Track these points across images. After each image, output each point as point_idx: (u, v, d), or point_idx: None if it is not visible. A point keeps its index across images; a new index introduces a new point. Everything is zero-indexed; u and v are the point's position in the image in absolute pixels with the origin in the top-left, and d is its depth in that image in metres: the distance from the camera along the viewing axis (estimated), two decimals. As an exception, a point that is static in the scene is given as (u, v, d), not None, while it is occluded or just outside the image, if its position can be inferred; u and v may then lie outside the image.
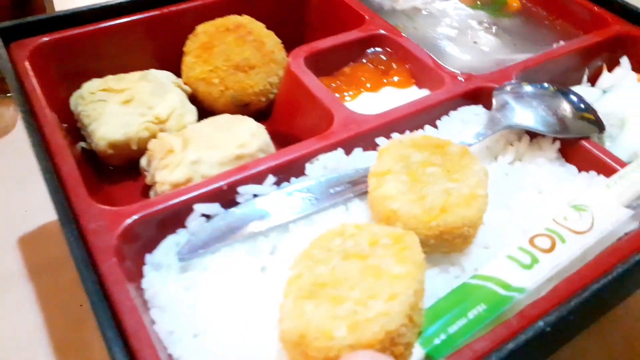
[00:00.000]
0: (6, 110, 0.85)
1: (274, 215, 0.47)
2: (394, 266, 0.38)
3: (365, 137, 0.54)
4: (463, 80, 0.61)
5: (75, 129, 0.63)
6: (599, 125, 0.59)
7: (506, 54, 0.74)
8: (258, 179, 0.49)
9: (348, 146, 0.53)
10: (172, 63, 0.69)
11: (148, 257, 0.45)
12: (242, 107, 0.66)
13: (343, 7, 0.72)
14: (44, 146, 0.49)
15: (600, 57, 0.72)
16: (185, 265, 0.45)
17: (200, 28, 0.68)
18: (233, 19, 0.68)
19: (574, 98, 0.59)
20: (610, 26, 0.73)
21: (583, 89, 0.68)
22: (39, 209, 0.68)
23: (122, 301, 0.38)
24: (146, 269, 0.44)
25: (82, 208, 0.44)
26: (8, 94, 0.84)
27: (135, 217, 0.44)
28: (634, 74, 0.70)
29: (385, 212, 0.45)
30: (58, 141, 0.50)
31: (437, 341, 0.38)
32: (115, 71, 0.66)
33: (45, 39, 0.61)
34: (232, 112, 0.65)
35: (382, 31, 0.67)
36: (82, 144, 0.61)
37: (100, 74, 0.65)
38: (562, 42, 0.74)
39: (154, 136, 0.59)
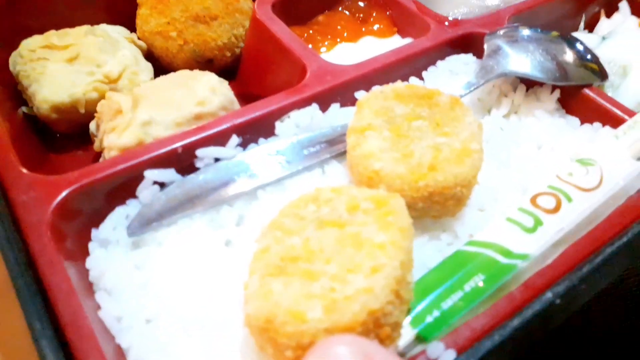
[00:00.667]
0: None
1: (239, 181, 0.41)
2: (376, 234, 0.32)
3: (342, 90, 0.48)
4: (450, 26, 0.54)
5: (17, 93, 0.55)
6: (602, 73, 0.53)
7: (504, 3, 0.67)
8: (220, 140, 0.42)
9: (323, 101, 0.47)
10: (126, 16, 0.61)
11: (94, 233, 0.39)
12: (205, 64, 0.59)
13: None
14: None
15: (598, 1, 0.67)
16: (137, 240, 0.39)
17: (155, -25, 0.60)
18: (191, -36, 0.61)
19: (575, 43, 0.53)
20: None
21: (580, 36, 0.62)
22: None
23: (56, 284, 0.32)
24: (91, 246, 0.38)
25: (10, 177, 0.38)
26: None
27: (74, 186, 0.37)
28: (634, 19, 0.64)
29: (366, 173, 0.39)
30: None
31: (429, 319, 0.33)
32: (60, 27, 0.58)
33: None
34: (194, 68, 0.58)
35: (359, -26, 0.60)
36: (23, 108, 0.54)
37: (44, 31, 0.57)
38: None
39: (104, 97, 0.52)
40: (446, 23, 0.55)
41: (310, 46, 0.55)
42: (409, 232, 0.33)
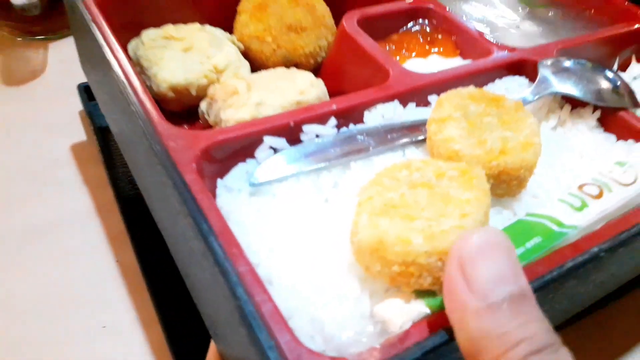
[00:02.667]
0: (35, 53, 0.87)
1: (336, 153, 0.50)
2: (462, 192, 0.41)
3: (418, 92, 0.57)
4: (508, 52, 0.64)
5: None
6: (635, 102, 0.62)
7: (547, 39, 0.77)
8: (321, 119, 0.51)
9: (403, 99, 0.56)
10: (224, 21, 0.72)
11: (219, 181, 0.47)
12: (291, 67, 0.69)
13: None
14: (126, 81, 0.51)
15: (631, 47, 0.76)
16: (255, 190, 0.47)
17: (256, -12, 0.71)
18: (287, -17, 0.71)
19: (610, 74, 0.63)
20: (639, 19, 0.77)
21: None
22: (69, 158, 0.71)
23: (208, 206, 0.40)
24: (218, 191, 0.47)
25: (162, 129, 0.46)
26: (37, 37, 0.87)
27: (213, 140, 0.46)
28: (660, 65, 0.74)
29: (447, 153, 0.47)
30: (134, 80, 0.52)
31: (498, 264, 0.41)
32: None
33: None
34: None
35: (429, 5, 0.70)
36: (155, 83, 0.63)
37: (157, 26, 0.68)
38: (598, 30, 0.78)
39: (211, 84, 0.61)
40: (504, 50, 0.64)
41: (387, 58, 0.65)
42: (488, 194, 0.41)
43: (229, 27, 0.71)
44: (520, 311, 0.31)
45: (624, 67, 0.77)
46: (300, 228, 0.45)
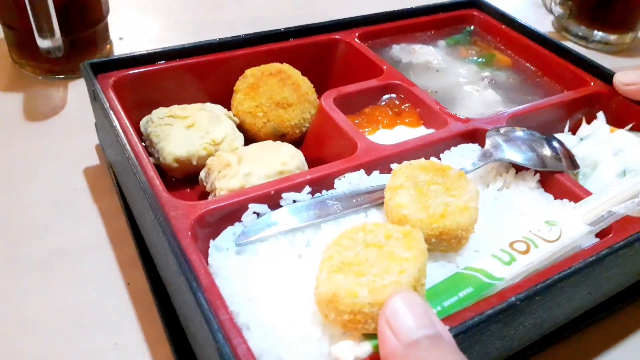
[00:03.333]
0: (56, 91, 0.96)
1: (309, 216, 0.60)
2: (403, 252, 0.50)
3: (382, 162, 0.67)
4: (463, 122, 0.74)
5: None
6: (574, 164, 0.72)
7: (505, 105, 0.88)
8: (298, 188, 0.62)
9: (368, 168, 0.66)
10: (223, 98, 0.83)
11: (212, 242, 0.58)
12: (280, 137, 0.80)
13: (365, 60, 0.87)
14: (131, 153, 0.62)
15: (581, 111, 0.87)
16: (240, 249, 0.57)
17: (249, 71, 0.82)
18: (276, 66, 0.83)
19: (554, 142, 0.73)
20: (588, 85, 0.87)
21: (564, 136, 0.82)
22: (85, 189, 0.80)
23: (198, 266, 0.50)
24: (211, 251, 0.57)
25: (163, 200, 0.57)
26: (58, 76, 0.97)
27: (206, 209, 0.57)
28: (608, 127, 0.84)
29: (398, 217, 0.57)
30: (139, 151, 0.64)
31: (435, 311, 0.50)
32: (177, 102, 0.80)
33: (125, 73, 0.76)
34: (272, 140, 0.79)
35: (397, 81, 0.81)
36: (151, 159, 0.75)
37: (164, 105, 0.80)
38: (548, 97, 0.88)
39: (210, 155, 0.72)
40: (460, 120, 0.75)
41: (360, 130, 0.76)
42: (425, 253, 0.51)
43: (227, 104, 0.83)
44: (437, 347, 0.41)
45: (575, 128, 0.87)
46: (276, 281, 0.54)
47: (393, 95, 0.82)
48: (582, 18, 1.31)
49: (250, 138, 0.80)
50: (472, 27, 1.06)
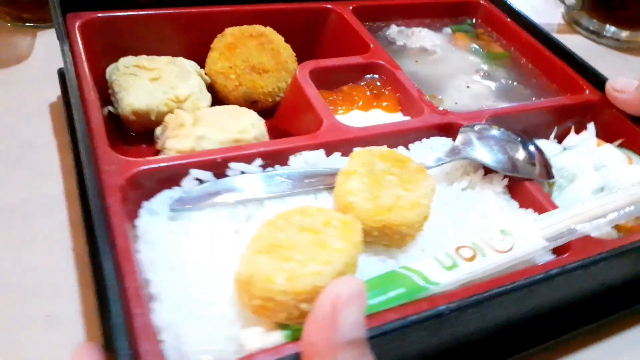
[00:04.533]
0: (22, 39, 0.90)
1: (255, 190, 0.57)
2: (336, 241, 0.47)
3: (345, 144, 0.64)
4: (440, 114, 0.70)
5: (105, 96, 0.73)
6: (548, 174, 0.68)
7: (494, 101, 0.83)
8: (248, 159, 0.58)
9: (329, 149, 0.63)
10: (199, 54, 0.79)
11: (145, 204, 0.55)
12: (251, 103, 0.77)
13: (354, 35, 0.82)
14: (80, 98, 0.59)
15: (572, 119, 0.82)
16: (175, 215, 0.54)
17: (229, 30, 0.78)
18: (258, 28, 0.79)
19: (531, 147, 0.69)
20: (582, 92, 0.82)
21: (547, 143, 0.77)
22: (45, 143, 0.75)
23: (117, 226, 0.48)
24: (142, 212, 0.54)
25: (101, 152, 0.54)
26: (27, 23, 0.92)
27: (141, 168, 0.54)
28: (595, 140, 0.79)
29: (344, 204, 0.54)
30: (92, 97, 0.61)
31: (359, 307, 0.47)
32: (150, 53, 0.77)
33: (98, 14, 0.72)
34: (242, 106, 0.75)
35: (381, 61, 0.77)
36: (109, 108, 0.72)
37: (137, 54, 0.76)
38: (541, 99, 0.84)
39: (171, 112, 0.69)
40: (437, 111, 0.71)
41: (331, 107, 0.72)
42: (358, 247, 0.48)
43: (203, 62, 0.79)
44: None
45: (563, 136, 0.83)
46: (205, 253, 0.52)
47: (375, 75, 0.78)
48: (595, 11, 1.24)
49: (220, 101, 0.77)
50: (474, 20, 1.01)
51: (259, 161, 0.59)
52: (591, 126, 0.82)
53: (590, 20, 1.26)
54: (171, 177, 0.56)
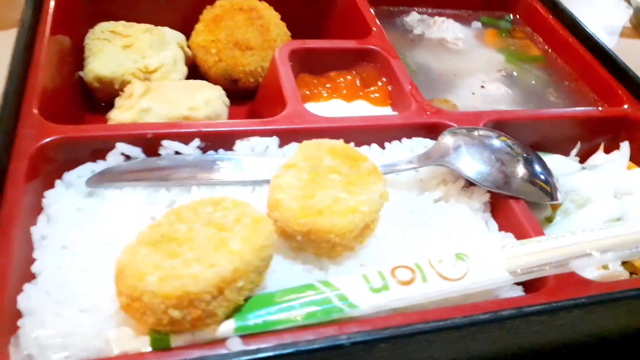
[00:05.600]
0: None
1: (184, 174, 0.51)
2: (235, 243, 0.40)
3: (305, 134, 0.56)
4: (428, 113, 0.61)
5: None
6: (550, 196, 0.57)
7: (508, 105, 0.72)
8: (185, 139, 0.52)
9: (285, 137, 0.56)
10: (190, 26, 0.74)
11: (65, 175, 0.50)
12: (232, 82, 0.71)
13: (358, 16, 0.74)
14: (25, 58, 0.56)
15: (603, 135, 0.69)
16: (92, 191, 0.50)
17: (219, 2, 0.73)
18: (250, 1, 0.73)
19: (534, 162, 0.58)
20: (621, 105, 0.69)
21: (562, 159, 0.65)
22: None
23: (9, 197, 0.43)
24: (58, 183, 0.49)
25: (24, 113, 0.50)
26: None
27: (60, 135, 0.49)
28: (624, 161, 0.66)
29: (272, 200, 0.47)
30: (42, 58, 0.57)
31: (250, 322, 0.40)
32: (138, 21, 0.72)
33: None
34: (222, 84, 0.69)
35: (375, 47, 0.68)
36: (80, 73, 0.68)
37: (123, 19, 0.72)
38: (569, 109, 0.72)
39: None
40: (427, 109, 0.61)
41: (307, 92, 0.64)
42: (261, 252, 0.41)
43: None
44: None
45: (590, 153, 0.70)
46: (107, 237, 0.46)
47: (370, 64, 0.69)
48: None
49: (201, 76, 0.71)
50: (513, 17, 0.89)
51: (196, 142, 0.53)
52: (625, 145, 0.69)
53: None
54: (97, 149, 0.51)
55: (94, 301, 0.41)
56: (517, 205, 0.53)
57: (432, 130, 0.60)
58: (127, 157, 0.52)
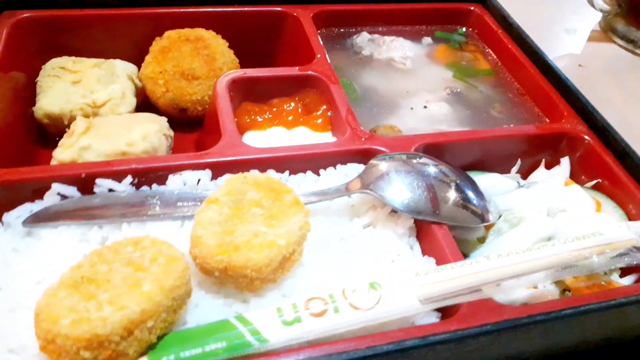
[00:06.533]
0: None
1: (116, 211, 0.53)
2: (147, 284, 0.43)
3: (239, 166, 0.58)
4: (362, 139, 0.63)
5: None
6: (481, 218, 0.59)
7: (450, 124, 0.74)
8: (118, 176, 0.55)
9: (218, 170, 0.58)
10: (143, 58, 0.77)
11: (5, 215, 0.53)
12: (180, 111, 0.73)
13: (304, 41, 0.76)
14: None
15: (544, 152, 0.71)
16: (29, 231, 0.52)
17: (167, 33, 0.75)
18: (197, 32, 0.75)
19: (465, 186, 0.59)
20: (560, 121, 0.71)
21: (498, 178, 0.67)
22: None
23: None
24: (-3, 224, 0.52)
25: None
26: None
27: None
28: (563, 178, 0.68)
29: (193, 235, 0.49)
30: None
31: (163, 359, 0.42)
32: (94, 53, 0.75)
33: (27, 14, 0.71)
34: (172, 114, 0.72)
35: (315, 73, 0.70)
36: (34, 108, 0.71)
37: (79, 54, 0.75)
38: (505, 128, 0.73)
39: (86, 117, 0.67)
40: (361, 135, 0.63)
41: (248, 120, 0.66)
42: (172, 291, 0.43)
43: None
44: None
45: (532, 169, 0.72)
46: (39, 276, 0.49)
47: (313, 89, 0.71)
48: (633, 17, 1.08)
49: (151, 106, 0.74)
50: (466, 29, 0.91)
51: (129, 179, 0.55)
52: (565, 161, 0.70)
53: (627, 27, 1.10)
54: (35, 189, 0.53)
55: (22, 341, 0.44)
56: (439, 230, 0.55)
57: (366, 156, 0.62)
58: (64, 197, 0.54)
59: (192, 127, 0.74)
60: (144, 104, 0.74)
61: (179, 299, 0.44)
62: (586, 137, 0.68)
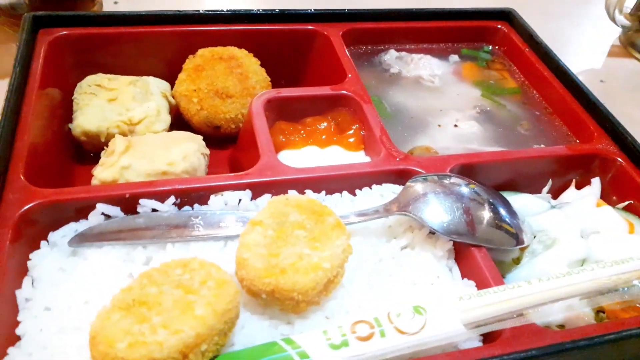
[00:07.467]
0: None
1: (159, 231, 0.54)
2: (200, 307, 0.43)
3: (278, 186, 0.59)
4: (397, 159, 0.63)
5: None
6: (516, 239, 0.59)
7: (480, 143, 0.74)
8: (161, 197, 0.56)
9: (258, 190, 0.58)
10: (176, 75, 0.78)
11: (51, 235, 0.53)
12: (214, 129, 0.74)
13: (334, 60, 0.77)
14: (13, 120, 0.59)
15: (575, 172, 0.71)
16: (75, 251, 0.53)
17: (200, 51, 0.76)
18: (230, 50, 0.76)
19: (499, 207, 0.60)
20: (591, 141, 0.71)
21: (530, 199, 0.67)
22: None
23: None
24: (43, 244, 0.53)
25: (10, 179, 0.54)
26: None
27: (42, 200, 0.53)
28: (595, 199, 0.68)
29: (238, 257, 0.49)
30: (29, 119, 0.60)
31: (214, 382, 0.43)
32: (126, 71, 0.76)
33: (64, 32, 0.72)
34: (205, 131, 0.73)
35: (348, 93, 0.71)
36: (69, 125, 0.72)
37: (112, 70, 0.76)
38: (541, 146, 0.74)
39: (123, 134, 0.68)
40: (396, 156, 0.64)
41: (283, 139, 0.67)
42: (225, 315, 0.43)
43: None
44: None
45: (563, 189, 0.72)
46: (87, 297, 0.49)
47: (345, 108, 0.72)
48: None
49: (186, 124, 0.75)
50: (492, 47, 0.91)
51: (172, 199, 0.56)
52: (596, 182, 0.71)
53: (648, 42, 1.11)
54: (79, 209, 0.54)
55: (72, 363, 0.45)
56: (478, 253, 0.55)
57: (401, 176, 0.63)
58: (108, 216, 0.55)
59: (224, 144, 0.75)
60: (176, 121, 0.75)
61: (229, 322, 0.45)
62: (619, 158, 0.69)
